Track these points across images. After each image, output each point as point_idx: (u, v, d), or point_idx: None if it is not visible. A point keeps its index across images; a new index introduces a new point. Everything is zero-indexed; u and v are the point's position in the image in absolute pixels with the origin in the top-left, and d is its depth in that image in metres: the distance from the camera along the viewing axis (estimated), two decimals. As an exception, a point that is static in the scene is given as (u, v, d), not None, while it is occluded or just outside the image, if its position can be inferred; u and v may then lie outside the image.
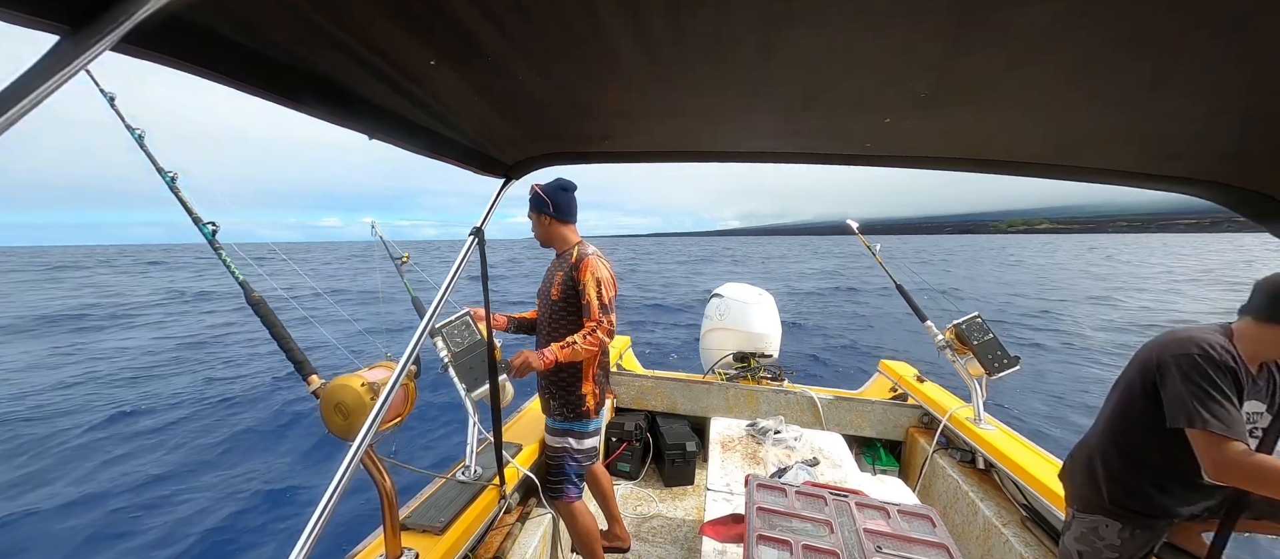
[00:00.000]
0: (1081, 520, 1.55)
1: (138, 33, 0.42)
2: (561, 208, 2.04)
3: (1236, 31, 0.51)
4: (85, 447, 4.98)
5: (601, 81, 0.82)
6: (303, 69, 0.72)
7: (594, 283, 1.94)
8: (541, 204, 2.04)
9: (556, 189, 2.04)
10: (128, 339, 10.53)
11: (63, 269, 40.73)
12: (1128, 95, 0.69)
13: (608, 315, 1.94)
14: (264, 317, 1.35)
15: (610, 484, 2.49)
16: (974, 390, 2.60)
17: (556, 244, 2.10)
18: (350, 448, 0.99)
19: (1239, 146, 0.81)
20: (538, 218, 2.07)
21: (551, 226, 2.06)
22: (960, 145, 1.04)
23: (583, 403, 2.05)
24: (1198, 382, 1.27)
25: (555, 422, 2.10)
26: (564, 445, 2.09)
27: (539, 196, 2.04)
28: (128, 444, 5.07)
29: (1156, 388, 1.37)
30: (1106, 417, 1.53)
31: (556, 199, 2.03)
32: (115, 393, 6.63)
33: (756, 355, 3.46)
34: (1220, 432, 1.22)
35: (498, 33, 0.64)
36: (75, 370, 7.81)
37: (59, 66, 0.39)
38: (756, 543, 1.32)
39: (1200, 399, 1.25)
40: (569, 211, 2.06)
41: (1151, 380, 1.38)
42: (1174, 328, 1.42)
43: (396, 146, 1.01)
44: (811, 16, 0.57)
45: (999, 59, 0.63)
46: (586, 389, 2.05)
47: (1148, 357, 1.41)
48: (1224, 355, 1.27)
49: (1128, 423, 1.46)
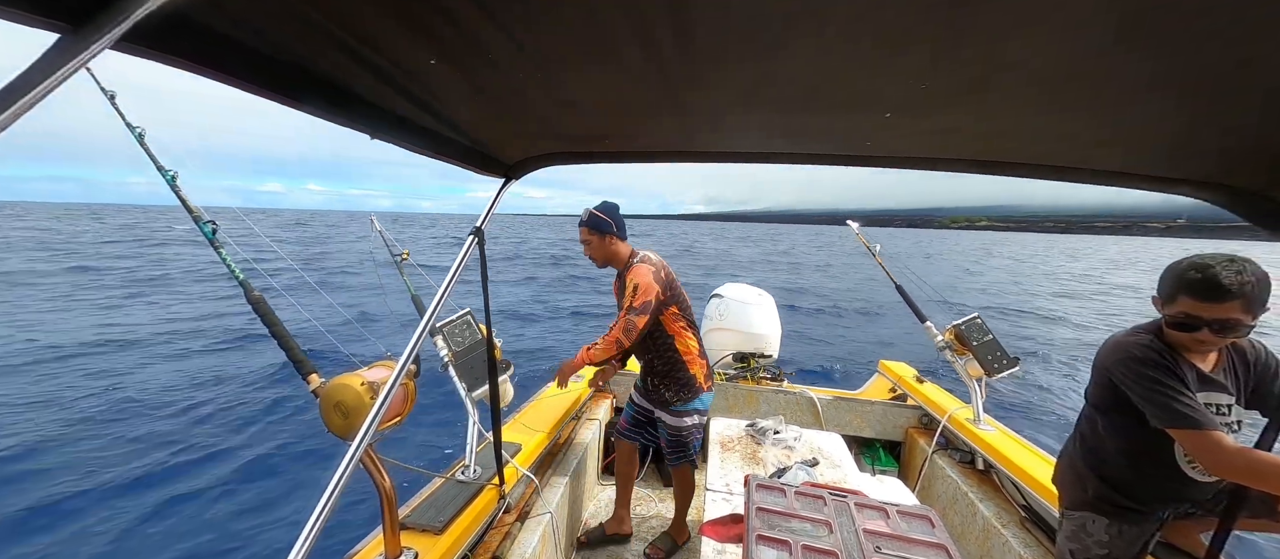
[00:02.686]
0: (1070, 518, 1.57)
1: (138, 31, 0.42)
2: (619, 225, 2.24)
3: (1236, 31, 0.51)
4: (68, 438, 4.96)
5: (602, 81, 0.82)
6: (303, 68, 0.72)
7: (631, 288, 2.13)
8: (606, 226, 2.21)
9: (610, 208, 2.24)
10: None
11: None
12: (1127, 96, 0.69)
13: (632, 315, 2.10)
14: (263, 315, 1.35)
15: (634, 473, 2.68)
16: (973, 391, 2.60)
17: (615, 262, 2.27)
18: (350, 447, 0.99)
19: (1238, 148, 0.81)
20: (601, 239, 2.22)
21: (612, 245, 2.23)
22: (960, 146, 1.04)
23: (693, 382, 2.26)
24: (1147, 385, 1.30)
25: (677, 406, 2.29)
26: (692, 424, 2.32)
27: (602, 219, 2.21)
28: (129, 444, 5.07)
29: (1108, 391, 1.42)
30: (1080, 419, 1.59)
31: (615, 218, 2.22)
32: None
33: (756, 355, 3.46)
34: (1202, 426, 1.22)
35: (498, 32, 0.64)
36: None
37: (59, 64, 0.39)
38: (755, 543, 1.32)
39: (1164, 398, 1.27)
40: (624, 230, 2.27)
41: (1102, 385, 1.44)
42: (1113, 334, 1.46)
43: (397, 146, 1.02)
44: (812, 17, 0.57)
45: (999, 60, 0.63)
46: (694, 370, 2.26)
47: (1097, 362, 1.46)
48: (1147, 353, 1.31)
49: (1094, 428, 1.51)
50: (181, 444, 4.97)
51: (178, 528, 3.76)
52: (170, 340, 8.29)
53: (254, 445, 5.01)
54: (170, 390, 6.24)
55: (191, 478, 4.41)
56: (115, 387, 6.23)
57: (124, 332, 8.61)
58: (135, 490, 4.19)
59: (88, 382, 6.36)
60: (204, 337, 8.55)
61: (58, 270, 15.94)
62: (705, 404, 2.33)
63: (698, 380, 2.27)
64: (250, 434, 5.27)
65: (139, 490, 4.20)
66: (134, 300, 11.43)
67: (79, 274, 15.36)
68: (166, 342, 8.21)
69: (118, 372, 6.75)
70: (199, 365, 7.20)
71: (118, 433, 5.16)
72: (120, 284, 13.79)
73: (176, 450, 4.84)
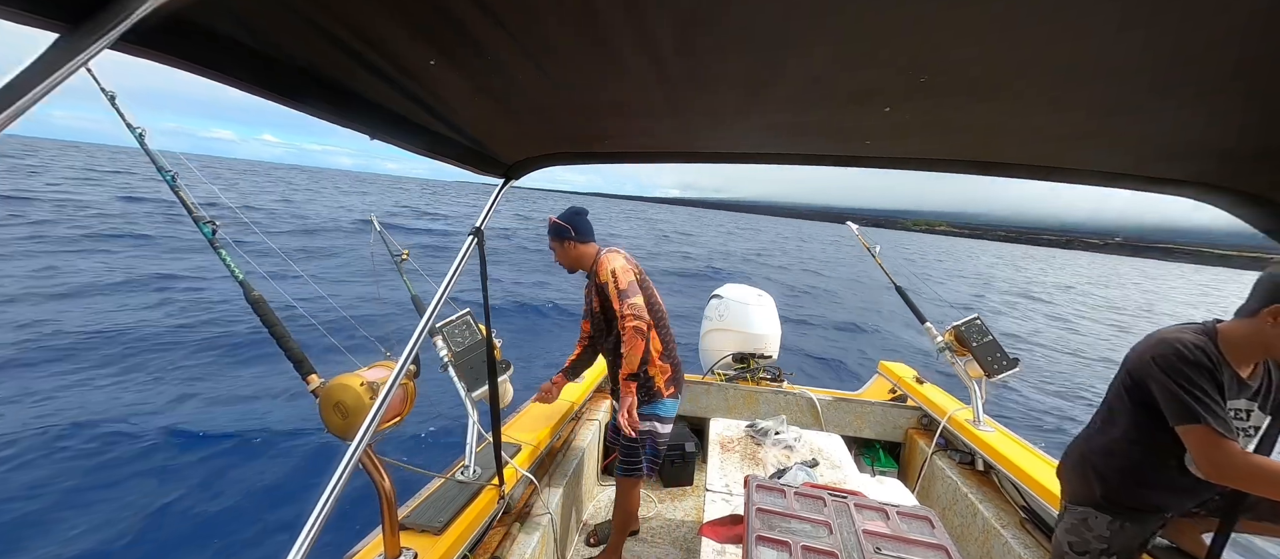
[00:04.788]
0: (1072, 511, 1.57)
1: (137, 31, 0.42)
2: (582, 230, 2.19)
3: (1237, 33, 0.51)
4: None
5: (601, 81, 0.82)
6: (302, 68, 0.72)
7: (610, 277, 2.05)
8: (564, 231, 2.18)
9: (573, 215, 2.20)
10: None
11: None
12: (1128, 98, 0.69)
13: (627, 299, 2.02)
14: (263, 315, 1.35)
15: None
16: (973, 392, 2.60)
17: (582, 264, 2.23)
18: (349, 447, 0.99)
19: (1239, 150, 0.81)
20: (562, 245, 2.20)
21: (573, 249, 2.20)
22: (960, 147, 1.04)
23: (652, 383, 2.16)
24: (1178, 380, 1.28)
25: (639, 410, 2.17)
26: (650, 429, 2.20)
27: (560, 225, 2.18)
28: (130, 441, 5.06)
29: (1138, 388, 1.40)
30: (1097, 415, 1.57)
31: (576, 223, 2.18)
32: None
33: (756, 356, 3.46)
34: (1216, 429, 1.22)
35: (498, 32, 0.64)
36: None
37: (58, 64, 0.39)
38: (755, 544, 1.32)
39: (1186, 396, 1.26)
40: (588, 232, 2.21)
41: (1134, 380, 1.41)
42: (1159, 329, 1.44)
43: (397, 146, 1.02)
44: (812, 17, 0.57)
45: (999, 61, 0.63)
46: (652, 371, 2.16)
47: (1131, 357, 1.44)
48: (1198, 354, 1.29)
49: (1113, 422, 1.49)
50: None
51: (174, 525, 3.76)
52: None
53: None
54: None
55: (191, 472, 4.41)
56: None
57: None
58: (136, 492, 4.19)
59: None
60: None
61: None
62: (666, 411, 2.21)
63: (657, 384, 2.15)
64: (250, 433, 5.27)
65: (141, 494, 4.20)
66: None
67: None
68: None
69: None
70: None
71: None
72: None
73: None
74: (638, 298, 2.03)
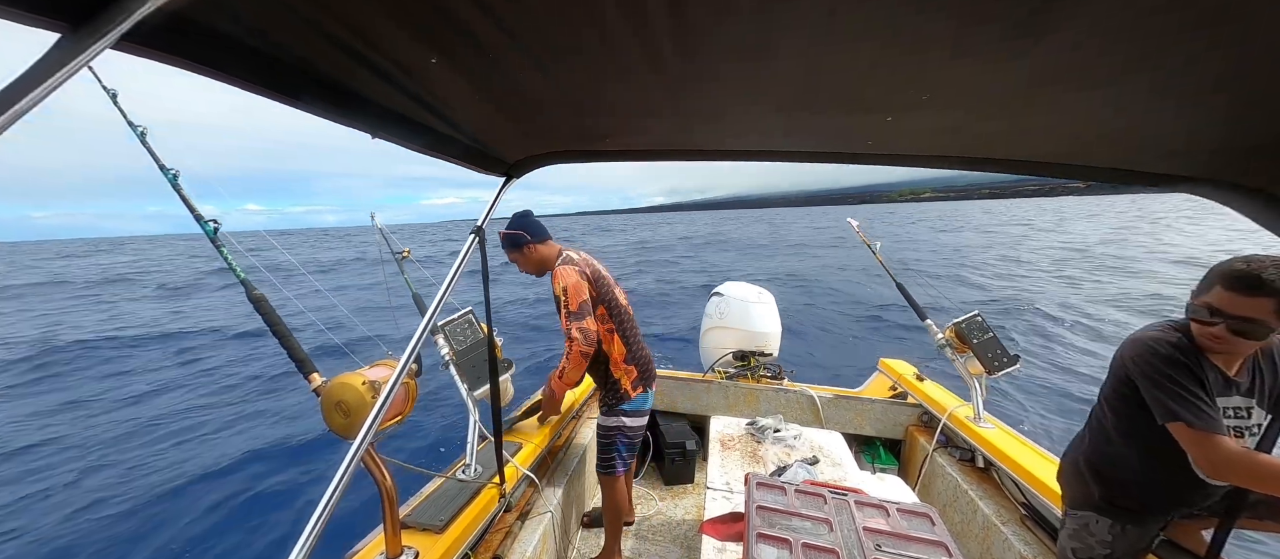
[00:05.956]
0: (1073, 517, 1.57)
1: (138, 31, 0.42)
2: (533, 230, 2.11)
3: (1236, 28, 0.51)
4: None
5: (602, 80, 0.82)
6: (304, 67, 0.72)
7: (562, 293, 1.99)
8: (520, 239, 2.10)
9: (521, 220, 2.12)
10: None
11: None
12: (1127, 94, 0.69)
13: (576, 321, 1.96)
14: (265, 314, 1.35)
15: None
16: (973, 389, 2.60)
17: (547, 267, 2.16)
18: (351, 446, 0.99)
19: (1238, 144, 0.81)
20: (522, 252, 2.12)
21: (534, 251, 2.12)
22: (960, 144, 1.04)
23: (619, 386, 2.17)
24: (1159, 380, 1.28)
25: (604, 409, 2.24)
26: (614, 425, 2.21)
27: (513, 235, 2.10)
28: (130, 441, 5.08)
29: (1124, 388, 1.40)
30: (1090, 419, 1.57)
31: (528, 226, 2.11)
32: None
33: (756, 354, 3.46)
34: (1201, 426, 1.21)
35: (499, 31, 0.64)
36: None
37: (60, 64, 0.39)
38: (756, 541, 1.32)
39: (1169, 395, 1.26)
40: (542, 231, 2.13)
41: (1120, 382, 1.41)
42: (1137, 330, 1.44)
43: (398, 144, 1.02)
44: (813, 15, 0.57)
45: (999, 58, 0.63)
46: (617, 374, 2.17)
47: (1116, 361, 1.44)
48: (1172, 351, 1.29)
49: (1105, 426, 1.49)
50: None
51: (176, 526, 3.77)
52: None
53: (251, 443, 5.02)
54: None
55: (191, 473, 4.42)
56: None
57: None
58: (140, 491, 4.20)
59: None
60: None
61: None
62: (636, 406, 2.20)
63: (623, 386, 2.16)
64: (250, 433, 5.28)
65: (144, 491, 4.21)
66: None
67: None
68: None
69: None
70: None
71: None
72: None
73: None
74: (588, 321, 1.98)
